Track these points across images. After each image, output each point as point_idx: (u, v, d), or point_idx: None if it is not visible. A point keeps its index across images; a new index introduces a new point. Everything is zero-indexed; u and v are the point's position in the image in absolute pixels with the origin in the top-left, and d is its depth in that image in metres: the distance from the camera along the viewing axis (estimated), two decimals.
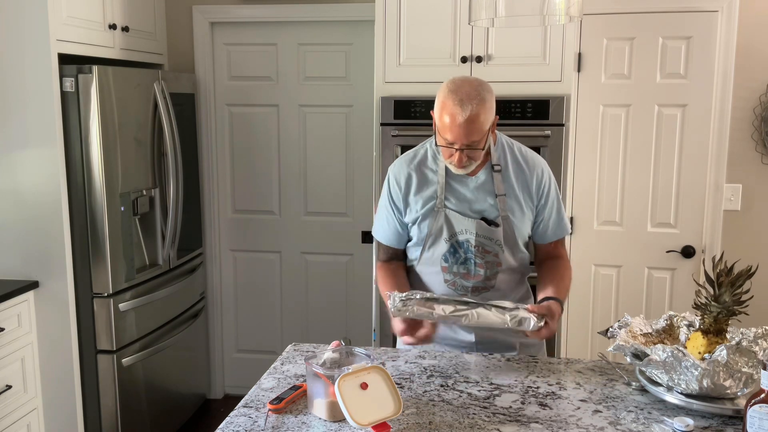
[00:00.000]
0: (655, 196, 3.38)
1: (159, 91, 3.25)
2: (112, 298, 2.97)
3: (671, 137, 3.32)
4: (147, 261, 3.23)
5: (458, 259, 2.04)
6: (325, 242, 3.94)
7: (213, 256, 3.98)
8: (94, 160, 2.88)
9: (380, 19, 3.09)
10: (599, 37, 3.32)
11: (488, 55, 3.03)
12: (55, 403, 2.98)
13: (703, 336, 1.65)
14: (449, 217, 2.02)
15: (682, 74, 3.28)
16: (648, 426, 1.53)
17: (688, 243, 3.37)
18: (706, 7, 3.22)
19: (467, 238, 2.02)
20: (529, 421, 1.55)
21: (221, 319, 4.07)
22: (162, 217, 3.32)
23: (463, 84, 1.89)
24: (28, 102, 2.80)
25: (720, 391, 1.55)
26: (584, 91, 3.36)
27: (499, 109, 2.99)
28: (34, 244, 2.89)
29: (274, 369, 1.87)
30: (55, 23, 2.77)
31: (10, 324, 2.77)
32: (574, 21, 2.19)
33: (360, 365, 1.54)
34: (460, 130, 1.85)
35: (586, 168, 3.41)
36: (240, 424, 1.54)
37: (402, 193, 2.05)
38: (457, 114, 1.84)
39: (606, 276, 3.47)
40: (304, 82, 3.83)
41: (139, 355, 3.13)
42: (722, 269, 1.64)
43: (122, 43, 3.27)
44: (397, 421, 1.53)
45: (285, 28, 3.79)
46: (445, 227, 2.02)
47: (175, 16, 3.78)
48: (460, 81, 1.90)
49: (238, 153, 3.93)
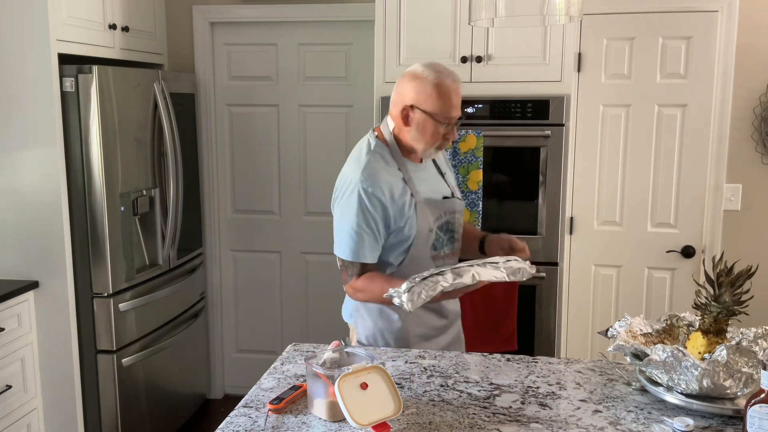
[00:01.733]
0: (655, 196, 3.38)
1: (159, 91, 3.25)
2: (112, 298, 2.97)
3: (671, 137, 3.32)
4: (147, 261, 3.22)
5: (443, 242, 2.11)
6: (325, 242, 3.92)
7: (213, 256, 3.98)
8: (94, 160, 2.88)
9: (380, 19, 3.09)
10: (599, 37, 3.32)
11: (488, 55, 3.03)
12: (55, 403, 2.98)
13: (703, 336, 1.65)
14: (426, 206, 2.05)
15: (682, 74, 3.28)
16: (648, 426, 1.53)
17: (688, 243, 3.37)
18: (706, 7, 3.22)
19: (446, 219, 2.11)
20: (529, 421, 1.55)
21: (221, 319, 4.07)
22: (162, 217, 3.32)
23: (435, 65, 2.03)
24: (28, 102, 2.80)
25: (720, 391, 1.55)
26: (584, 91, 3.36)
27: (499, 109, 3.02)
28: (34, 244, 2.89)
29: (274, 369, 1.87)
30: (55, 23, 2.77)
31: (10, 324, 2.77)
32: (574, 21, 2.19)
33: (360, 365, 1.54)
34: (459, 101, 2.02)
35: (586, 168, 3.41)
36: (240, 424, 1.54)
37: (387, 203, 1.99)
38: (456, 88, 2.00)
39: (606, 276, 3.47)
40: (304, 82, 3.83)
41: (139, 355, 3.13)
42: (722, 269, 1.64)
43: (122, 43, 3.27)
44: (397, 421, 1.53)
45: (285, 28, 3.79)
46: (430, 217, 2.05)
47: (175, 16, 3.78)
48: (430, 64, 2.03)
49: (238, 153, 3.93)
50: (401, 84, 2.03)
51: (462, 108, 2.39)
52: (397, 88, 2.04)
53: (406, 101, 2.00)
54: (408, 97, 1.99)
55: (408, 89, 2.00)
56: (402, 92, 2.01)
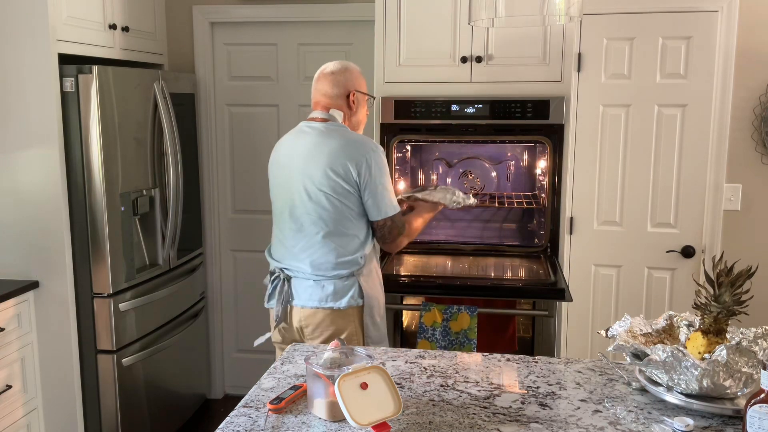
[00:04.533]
0: (655, 196, 3.38)
1: (159, 91, 3.25)
2: (112, 298, 2.97)
3: (671, 137, 3.32)
4: (147, 261, 3.22)
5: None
6: None
7: (213, 256, 3.98)
8: (94, 160, 2.88)
9: (380, 19, 3.09)
10: (599, 37, 3.32)
11: (488, 55, 3.03)
12: (55, 403, 2.98)
13: (703, 336, 1.65)
14: None
15: (682, 74, 3.28)
16: (648, 426, 1.53)
17: (688, 243, 3.37)
18: (706, 7, 3.22)
19: None
20: (529, 421, 1.55)
21: (221, 319, 4.07)
22: (162, 217, 3.32)
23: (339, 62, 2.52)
24: (28, 102, 2.80)
25: (720, 391, 1.55)
26: (584, 91, 3.36)
27: (499, 109, 3.02)
28: (34, 244, 2.89)
29: (274, 369, 1.87)
30: (55, 23, 2.77)
31: (10, 324, 2.77)
32: (574, 21, 2.19)
33: (360, 365, 1.54)
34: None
35: (586, 168, 3.41)
36: (240, 424, 1.54)
37: None
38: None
39: (606, 276, 3.47)
40: (304, 82, 3.83)
41: (139, 355, 3.13)
42: (722, 269, 1.64)
43: (122, 43, 3.27)
44: (397, 421, 1.53)
45: (285, 28, 3.78)
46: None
47: (175, 16, 3.78)
48: (338, 62, 2.52)
49: (238, 153, 3.93)
50: (340, 77, 2.42)
51: (462, 108, 2.70)
52: (335, 83, 2.42)
53: (351, 88, 2.42)
54: (350, 85, 2.43)
55: (348, 79, 2.42)
56: (345, 84, 2.42)
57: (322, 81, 2.44)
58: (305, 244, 2.35)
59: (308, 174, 2.31)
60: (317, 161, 2.30)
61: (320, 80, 2.45)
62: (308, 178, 2.31)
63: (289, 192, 2.38)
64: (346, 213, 2.32)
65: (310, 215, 2.33)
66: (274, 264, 2.47)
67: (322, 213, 2.31)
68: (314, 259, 2.33)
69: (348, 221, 2.33)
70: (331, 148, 2.30)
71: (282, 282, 2.41)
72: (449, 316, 2.68)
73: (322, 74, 2.45)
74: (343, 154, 2.29)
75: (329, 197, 2.30)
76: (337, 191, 2.29)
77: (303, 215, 2.34)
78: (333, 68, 2.44)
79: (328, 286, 2.33)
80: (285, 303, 2.40)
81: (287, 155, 2.41)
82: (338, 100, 2.42)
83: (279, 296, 2.41)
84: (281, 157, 2.44)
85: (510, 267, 3.06)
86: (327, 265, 2.32)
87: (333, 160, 2.29)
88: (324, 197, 2.30)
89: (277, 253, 2.46)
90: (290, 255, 2.40)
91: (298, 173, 2.34)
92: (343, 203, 2.30)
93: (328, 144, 2.32)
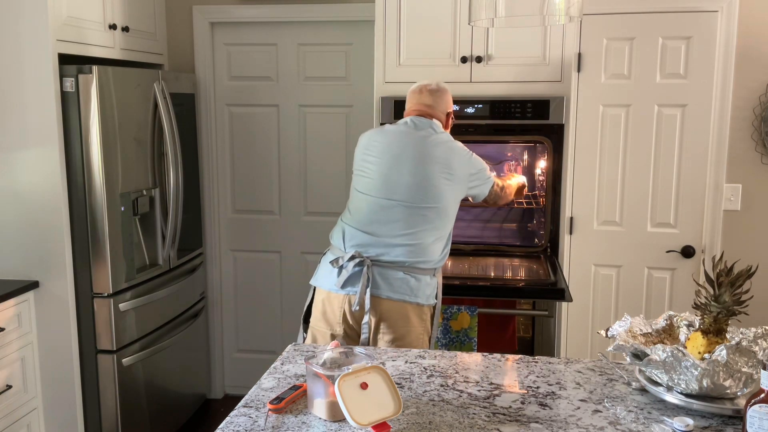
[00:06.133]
0: (654, 196, 3.37)
1: (159, 91, 3.25)
2: (112, 298, 2.97)
3: (671, 137, 3.32)
4: (147, 261, 3.22)
5: None
6: (325, 242, 3.91)
7: (213, 256, 3.98)
8: (94, 160, 2.88)
9: (380, 19, 3.09)
10: (599, 37, 3.32)
11: (488, 55, 3.03)
12: (55, 403, 2.98)
13: (703, 336, 1.65)
14: None
15: (682, 74, 3.28)
16: (648, 426, 1.53)
17: (688, 243, 3.37)
18: (706, 7, 3.22)
19: None
20: (529, 421, 1.55)
21: (221, 319, 4.07)
22: (162, 217, 3.32)
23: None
24: (28, 102, 2.80)
25: (720, 391, 1.55)
26: (584, 91, 3.36)
27: (499, 109, 3.02)
28: (34, 244, 2.89)
29: (274, 369, 1.87)
30: (55, 23, 2.77)
31: (11, 324, 2.77)
32: (574, 21, 2.19)
33: (360, 365, 1.54)
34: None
35: (586, 168, 3.41)
36: (240, 424, 1.54)
37: None
38: None
39: (606, 276, 3.47)
40: (304, 82, 3.83)
41: (139, 355, 3.13)
42: (722, 269, 1.64)
43: (122, 43, 3.27)
44: (397, 421, 1.53)
45: (285, 28, 3.79)
46: None
47: (175, 16, 3.78)
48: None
49: (238, 153, 3.93)
50: (444, 96, 2.60)
51: (462, 108, 2.78)
52: (443, 99, 2.59)
53: (449, 109, 2.61)
54: (449, 105, 2.62)
55: (448, 100, 2.61)
56: (448, 101, 2.61)
57: (425, 95, 2.57)
58: (403, 235, 2.36)
59: (424, 169, 2.39)
60: (433, 158, 2.43)
61: (423, 94, 2.58)
62: (422, 172, 2.39)
63: (394, 182, 2.41)
64: (449, 211, 2.43)
65: (416, 207, 2.38)
66: (353, 249, 2.40)
67: (427, 208, 2.39)
68: (411, 250, 2.34)
69: (448, 219, 2.44)
70: (448, 148, 2.48)
71: (366, 269, 2.33)
72: (449, 316, 2.68)
73: (425, 89, 2.58)
74: (455, 159, 2.47)
75: (439, 194, 2.39)
76: (446, 189, 2.40)
77: (408, 207, 2.38)
78: (435, 86, 2.59)
79: (417, 280, 2.34)
80: (363, 290, 2.32)
81: (400, 145, 2.47)
82: (440, 115, 2.58)
83: (360, 283, 2.32)
84: (393, 147, 2.48)
85: (510, 267, 3.06)
86: (421, 260, 2.35)
87: (448, 161, 2.44)
88: (434, 192, 2.38)
89: (361, 239, 2.40)
90: (381, 243, 2.36)
91: (410, 165, 2.40)
92: (447, 200, 2.41)
93: (445, 144, 2.48)
